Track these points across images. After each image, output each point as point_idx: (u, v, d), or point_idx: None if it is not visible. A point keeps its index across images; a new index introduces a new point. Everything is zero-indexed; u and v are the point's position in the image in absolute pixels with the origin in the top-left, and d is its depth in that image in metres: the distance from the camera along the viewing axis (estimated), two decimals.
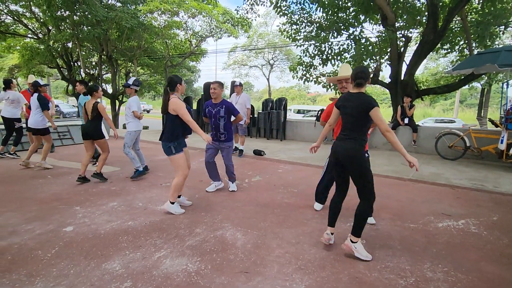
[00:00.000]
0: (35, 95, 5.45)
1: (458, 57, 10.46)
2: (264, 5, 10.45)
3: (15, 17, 13.39)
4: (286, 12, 9.89)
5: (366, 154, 2.86)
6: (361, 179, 2.52)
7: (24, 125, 6.53)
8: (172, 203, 3.49)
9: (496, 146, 6.16)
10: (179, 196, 3.68)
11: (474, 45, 8.72)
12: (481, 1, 8.87)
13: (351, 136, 2.55)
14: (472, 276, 2.35)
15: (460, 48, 9.59)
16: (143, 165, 5.16)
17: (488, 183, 4.98)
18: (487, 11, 8.03)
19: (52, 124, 5.62)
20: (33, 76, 6.81)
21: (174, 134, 3.42)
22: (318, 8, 9.42)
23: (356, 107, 2.49)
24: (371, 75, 9.55)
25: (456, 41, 9.60)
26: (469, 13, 9.12)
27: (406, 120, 7.80)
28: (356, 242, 2.56)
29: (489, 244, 2.89)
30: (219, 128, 4.13)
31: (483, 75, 9.59)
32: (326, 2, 9.12)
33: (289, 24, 10.02)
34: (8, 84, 6.25)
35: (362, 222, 2.53)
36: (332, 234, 2.76)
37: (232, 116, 4.23)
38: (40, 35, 14.64)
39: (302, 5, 9.88)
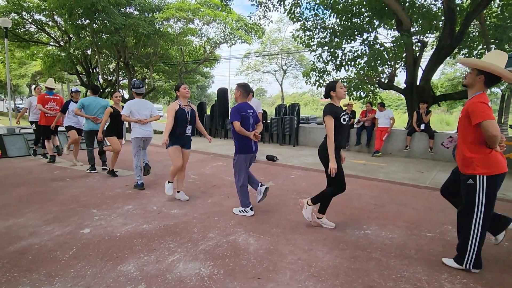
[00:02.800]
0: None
1: None
2: (277, 11, 10.55)
3: (39, 26, 14.02)
4: (299, 18, 9.93)
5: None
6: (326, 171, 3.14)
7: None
8: (169, 182, 4.13)
9: None
10: (178, 192, 4.19)
11: (492, 49, 8.49)
12: (500, 5, 8.65)
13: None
14: None
15: (479, 53, 9.34)
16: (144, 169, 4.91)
17: (510, 192, 4.79)
18: (506, 14, 7.81)
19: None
20: (52, 79, 7.15)
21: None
22: (332, 14, 9.41)
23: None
24: (386, 81, 9.44)
25: (474, 45, 9.36)
26: (488, 17, 8.89)
27: (422, 127, 7.63)
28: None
29: (511, 256, 2.78)
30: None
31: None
32: (340, 8, 9.10)
33: (303, 30, 10.06)
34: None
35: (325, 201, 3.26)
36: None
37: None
38: (62, 43, 15.25)
39: (315, 11, 9.91)
